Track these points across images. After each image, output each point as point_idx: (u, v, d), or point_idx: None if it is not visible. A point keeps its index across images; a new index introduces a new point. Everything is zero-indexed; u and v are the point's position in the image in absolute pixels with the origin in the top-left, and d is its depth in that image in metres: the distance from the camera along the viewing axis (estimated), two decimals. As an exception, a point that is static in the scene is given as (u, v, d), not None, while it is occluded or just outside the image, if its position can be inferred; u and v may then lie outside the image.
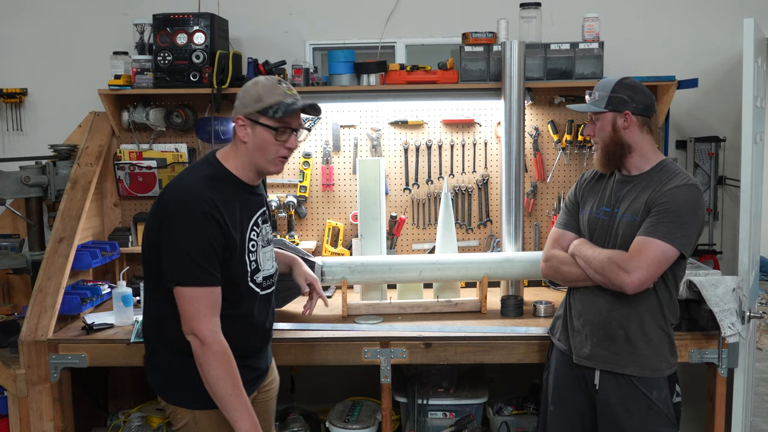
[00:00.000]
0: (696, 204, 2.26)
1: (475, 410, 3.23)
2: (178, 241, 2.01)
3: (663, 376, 2.34)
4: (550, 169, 3.61)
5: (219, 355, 2.03)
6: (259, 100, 2.09)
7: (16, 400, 2.83)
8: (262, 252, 2.23)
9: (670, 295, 2.35)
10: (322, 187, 3.63)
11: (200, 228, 2.01)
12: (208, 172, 2.12)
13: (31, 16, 3.81)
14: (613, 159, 2.38)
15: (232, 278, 2.11)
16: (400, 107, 3.58)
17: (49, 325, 2.84)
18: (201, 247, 2.01)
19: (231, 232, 2.06)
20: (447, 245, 3.26)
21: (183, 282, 2.01)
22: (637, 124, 2.33)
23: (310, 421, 3.37)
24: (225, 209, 2.05)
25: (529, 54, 3.30)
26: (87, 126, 3.48)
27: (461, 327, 2.92)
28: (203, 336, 2.02)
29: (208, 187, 2.06)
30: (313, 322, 3.02)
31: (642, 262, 2.22)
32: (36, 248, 3.29)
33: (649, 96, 2.36)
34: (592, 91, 2.40)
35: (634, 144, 2.34)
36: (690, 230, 2.25)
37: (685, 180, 2.29)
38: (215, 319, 2.05)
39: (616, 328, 2.35)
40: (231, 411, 2.05)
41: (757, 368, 4.60)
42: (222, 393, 2.04)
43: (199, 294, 2.02)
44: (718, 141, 3.63)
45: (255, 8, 3.75)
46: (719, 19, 3.64)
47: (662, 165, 2.36)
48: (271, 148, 2.12)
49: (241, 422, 2.05)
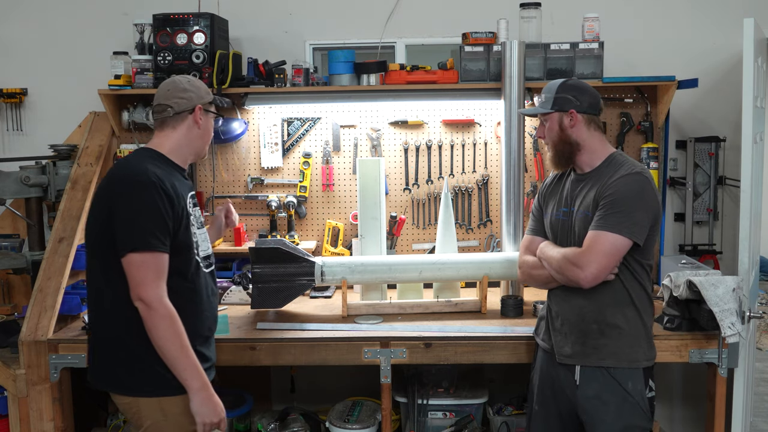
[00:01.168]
0: (642, 190, 2.29)
1: (475, 410, 3.23)
2: (131, 210, 2.15)
3: (639, 367, 2.35)
4: (549, 169, 3.60)
5: (165, 318, 2.12)
6: (208, 93, 2.40)
7: (16, 400, 2.84)
8: (198, 232, 2.35)
9: (640, 284, 2.37)
10: (322, 187, 3.63)
11: (150, 197, 2.15)
12: (145, 155, 2.32)
13: (31, 16, 3.81)
14: (563, 158, 2.44)
15: (180, 247, 2.23)
16: (400, 107, 3.58)
17: (49, 325, 2.84)
18: (151, 215, 2.15)
19: (177, 202, 2.21)
20: (447, 245, 3.26)
21: (135, 247, 2.12)
22: (584, 122, 2.39)
23: (310, 421, 3.37)
24: (168, 183, 2.22)
25: (529, 54, 3.30)
26: (87, 126, 3.48)
27: (461, 327, 2.92)
28: (149, 300, 2.12)
29: (147, 164, 2.24)
30: (313, 322, 3.02)
31: (593, 256, 2.27)
32: (36, 248, 3.30)
33: (594, 95, 2.42)
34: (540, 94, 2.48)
35: (582, 141, 2.40)
36: (639, 217, 2.27)
37: (630, 169, 2.33)
38: (162, 284, 2.15)
39: (589, 323, 2.38)
40: (181, 371, 2.15)
41: (757, 368, 4.60)
42: (171, 354, 2.14)
43: (147, 259, 2.13)
44: (718, 141, 3.63)
45: (255, 8, 3.75)
46: (719, 19, 3.64)
47: (611, 158, 2.41)
48: (210, 133, 2.44)
49: (191, 380, 2.15)
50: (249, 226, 3.65)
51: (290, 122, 3.60)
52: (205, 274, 2.36)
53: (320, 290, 3.47)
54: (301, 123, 3.60)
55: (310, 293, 3.44)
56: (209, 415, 2.17)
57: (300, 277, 3.08)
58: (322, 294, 3.44)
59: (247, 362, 2.85)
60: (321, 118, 3.60)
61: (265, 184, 3.64)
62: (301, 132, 3.61)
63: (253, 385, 3.60)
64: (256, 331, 2.91)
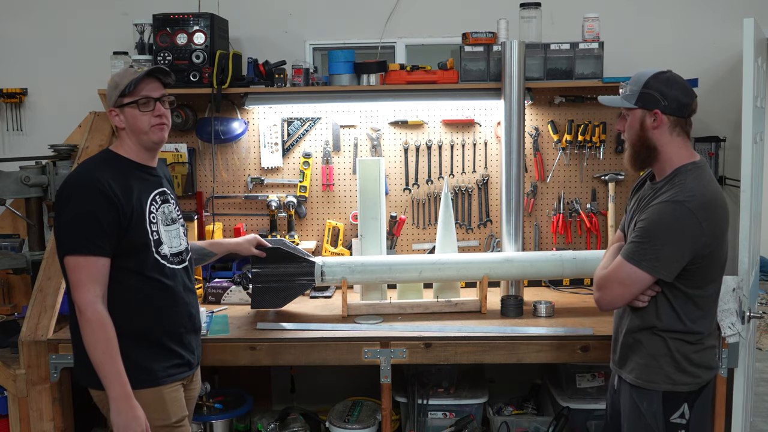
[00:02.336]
0: (674, 222, 2.09)
1: (475, 410, 3.22)
2: (64, 216, 2.19)
3: (657, 389, 2.24)
4: (550, 169, 3.61)
5: (92, 323, 2.14)
6: (117, 87, 2.29)
7: (16, 400, 2.83)
8: (165, 228, 2.35)
9: (666, 309, 2.21)
10: (322, 187, 3.63)
11: (84, 201, 2.17)
12: (99, 158, 2.35)
13: (31, 16, 3.81)
14: (639, 159, 2.25)
15: (135, 246, 2.25)
16: (400, 107, 3.58)
17: (49, 325, 2.84)
18: (85, 219, 2.16)
19: (122, 202, 2.21)
20: (447, 245, 3.26)
21: (67, 251, 2.17)
22: (668, 125, 2.16)
23: (310, 421, 3.37)
24: (115, 184, 2.21)
25: (529, 54, 3.30)
26: (87, 126, 3.48)
27: (461, 327, 2.92)
28: (79, 303, 2.15)
29: (96, 168, 2.26)
30: (313, 322, 3.02)
31: (609, 283, 2.21)
32: (36, 248, 3.29)
33: (687, 94, 2.17)
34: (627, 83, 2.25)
35: (660, 147, 2.18)
36: (665, 252, 2.10)
37: (674, 196, 2.12)
38: (95, 288, 2.16)
39: (623, 335, 2.34)
40: (102, 377, 2.16)
41: (757, 368, 4.60)
42: (94, 358, 2.15)
43: (80, 263, 2.16)
44: (718, 141, 3.63)
45: (255, 8, 3.75)
46: (719, 19, 3.64)
47: (676, 172, 2.18)
48: (141, 120, 2.29)
49: (110, 389, 2.15)
50: (249, 226, 3.65)
51: (290, 122, 3.60)
52: (175, 270, 2.35)
53: (320, 290, 3.47)
54: (301, 123, 3.60)
55: (310, 293, 3.44)
56: (125, 427, 2.15)
57: (300, 277, 3.08)
58: (322, 294, 3.44)
59: (247, 362, 2.85)
60: (321, 118, 3.60)
61: (265, 184, 3.64)
62: (301, 132, 3.61)
63: (253, 385, 3.60)
64: (256, 331, 2.91)
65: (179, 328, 2.37)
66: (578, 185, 3.61)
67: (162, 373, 2.30)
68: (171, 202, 2.43)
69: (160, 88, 2.35)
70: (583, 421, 3.17)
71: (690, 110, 2.19)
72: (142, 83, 2.28)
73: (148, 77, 2.30)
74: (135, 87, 2.27)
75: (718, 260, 2.21)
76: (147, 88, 2.29)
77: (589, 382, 3.21)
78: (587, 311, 3.09)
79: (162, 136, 2.35)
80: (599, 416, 3.05)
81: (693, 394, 2.24)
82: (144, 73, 2.29)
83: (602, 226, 3.59)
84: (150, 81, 2.31)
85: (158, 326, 2.30)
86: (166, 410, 2.30)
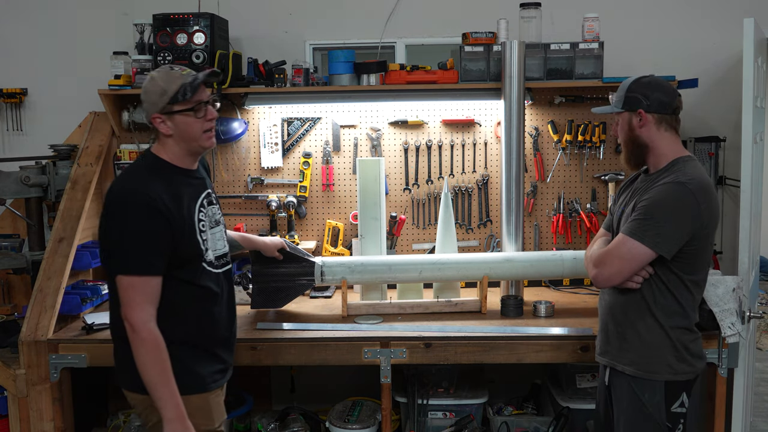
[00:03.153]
0: (678, 201, 2.20)
1: (475, 410, 3.22)
2: (118, 233, 2.13)
3: (660, 379, 2.28)
4: (550, 169, 3.61)
5: (147, 343, 2.10)
6: (164, 93, 2.17)
7: (16, 400, 2.83)
8: (210, 232, 2.31)
9: (673, 297, 2.28)
10: (322, 187, 3.63)
11: (139, 219, 2.11)
12: (147, 166, 2.24)
13: (31, 16, 3.81)
14: (633, 157, 2.38)
15: (188, 258, 2.21)
16: (400, 107, 3.58)
17: (49, 325, 2.84)
18: (140, 238, 2.10)
19: (176, 216, 2.15)
20: (447, 245, 3.26)
21: (122, 270, 2.11)
22: (653, 122, 2.30)
23: (310, 421, 3.37)
24: (167, 196, 2.15)
25: (529, 54, 3.30)
26: (87, 126, 3.48)
27: (461, 327, 2.92)
28: (133, 322, 2.10)
29: (147, 179, 2.17)
30: (313, 322, 3.02)
31: (609, 258, 2.27)
32: (36, 248, 3.30)
33: (667, 93, 2.31)
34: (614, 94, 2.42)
35: (650, 142, 2.32)
36: (667, 229, 2.19)
37: (675, 178, 2.24)
38: (149, 308, 2.12)
39: (613, 325, 2.38)
40: (157, 399, 2.11)
41: (757, 368, 4.60)
42: (148, 380, 2.11)
43: (135, 282, 2.11)
44: (718, 141, 3.63)
45: (255, 8, 3.75)
46: (719, 19, 3.64)
47: (674, 163, 2.30)
48: (195, 127, 2.21)
49: (165, 410, 2.10)
50: (249, 226, 3.65)
51: (290, 122, 3.60)
52: (218, 275, 2.32)
53: (320, 290, 3.47)
54: (301, 123, 3.60)
55: (310, 293, 3.44)
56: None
57: (300, 277, 3.08)
58: (322, 294, 3.44)
59: (247, 362, 2.85)
60: (321, 118, 3.60)
61: (265, 184, 3.63)
62: (301, 132, 3.61)
63: (253, 385, 3.60)
64: (256, 331, 2.91)
65: (224, 333, 2.35)
66: (578, 185, 3.61)
67: (209, 379, 2.28)
68: (215, 203, 2.37)
69: (206, 91, 2.25)
70: (583, 421, 3.17)
71: (673, 107, 2.32)
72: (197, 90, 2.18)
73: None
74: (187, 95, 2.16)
75: (710, 248, 2.32)
76: (198, 92, 2.19)
77: (589, 382, 3.21)
78: (587, 311, 3.09)
79: (213, 142, 2.28)
80: (599, 416, 3.05)
81: (689, 383, 2.32)
82: (200, 80, 2.18)
83: (602, 226, 3.59)
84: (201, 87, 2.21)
85: (206, 332, 2.27)
86: (211, 416, 2.29)
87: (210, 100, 2.24)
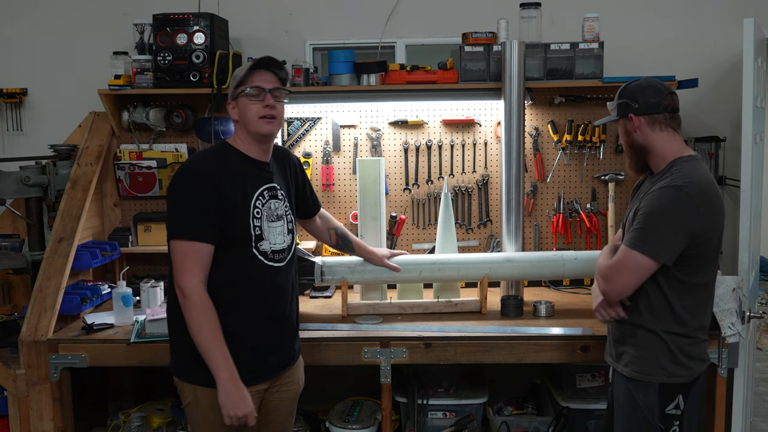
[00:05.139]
0: (672, 206, 2.16)
1: (475, 410, 3.22)
2: (173, 201, 2.23)
3: (653, 381, 2.27)
4: (550, 169, 3.61)
5: (198, 306, 2.14)
6: (235, 79, 2.31)
7: (16, 400, 2.83)
8: (268, 224, 2.32)
9: (657, 298, 2.26)
10: (322, 187, 3.63)
11: (193, 188, 2.20)
12: (214, 148, 2.38)
13: (31, 16, 3.81)
14: (636, 162, 2.36)
15: (235, 238, 2.24)
16: (400, 107, 3.58)
17: (49, 325, 2.84)
18: (193, 205, 2.18)
19: (228, 194, 2.21)
20: (447, 245, 3.26)
21: (174, 235, 2.19)
22: (646, 124, 2.28)
23: (310, 421, 3.37)
24: (224, 174, 2.23)
25: (529, 54, 3.30)
26: (87, 126, 3.48)
27: (461, 327, 2.92)
28: (184, 287, 2.14)
29: (209, 157, 2.30)
30: (313, 322, 3.02)
31: (615, 272, 2.24)
32: (36, 248, 3.29)
33: (656, 93, 2.28)
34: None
35: (648, 145, 2.29)
36: (664, 236, 2.16)
37: (671, 182, 2.19)
38: (198, 273, 2.16)
39: (614, 326, 2.39)
40: (210, 360, 2.15)
41: (757, 368, 4.60)
42: (201, 342, 2.15)
43: (186, 248, 2.16)
44: (718, 141, 3.63)
45: (255, 8, 3.75)
46: (719, 19, 3.64)
47: (672, 164, 2.27)
48: (251, 109, 2.27)
49: (219, 371, 2.14)
50: (249, 226, 3.65)
51: (290, 122, 3.60)
52: (273, 268, 2.31)
53: (320, 290, 3.47)
54: (301, 123, 3.60)
55: (310, 293, 3.44)
56: (234, 408, 2.16)
57: (300, 277, 3.07)
58: (322, 294, 3.44)
59: (247, 362, 2.85)
60: (321, 118, 3.60)
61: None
62: (301, 132, 3.61)
63: (253, 385, 3.60)
64: (256, 331, 2.91)
65: (263, 336, 2.32)
66: (578, 185, 3.61)
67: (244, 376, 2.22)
68: (280, 198, 2.37)
69: (275, 82, 2.31)
70: (583, 421, 3.17)
71: (664, 106, 2.28)
72: (255, 74, 2.27)
73: (264, 70, 2.28)
74: (246, 77, 2.26)
75: (713, 250, 2.26)
76: (258, 78, 2.27)
77: (589, 382, 3.21)
78: (587, 311, 3.08)
79: (269, 129, 2.29)
80: (599, 416, 3.05)
81: (687, 385, 2.29)
82: (255, 62, 2.29)
83: (602, 226, 3.59)
84: (263, 73, 2.29)
85: (250, 322, 2.27)
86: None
87: (274, 90, 2.29)
